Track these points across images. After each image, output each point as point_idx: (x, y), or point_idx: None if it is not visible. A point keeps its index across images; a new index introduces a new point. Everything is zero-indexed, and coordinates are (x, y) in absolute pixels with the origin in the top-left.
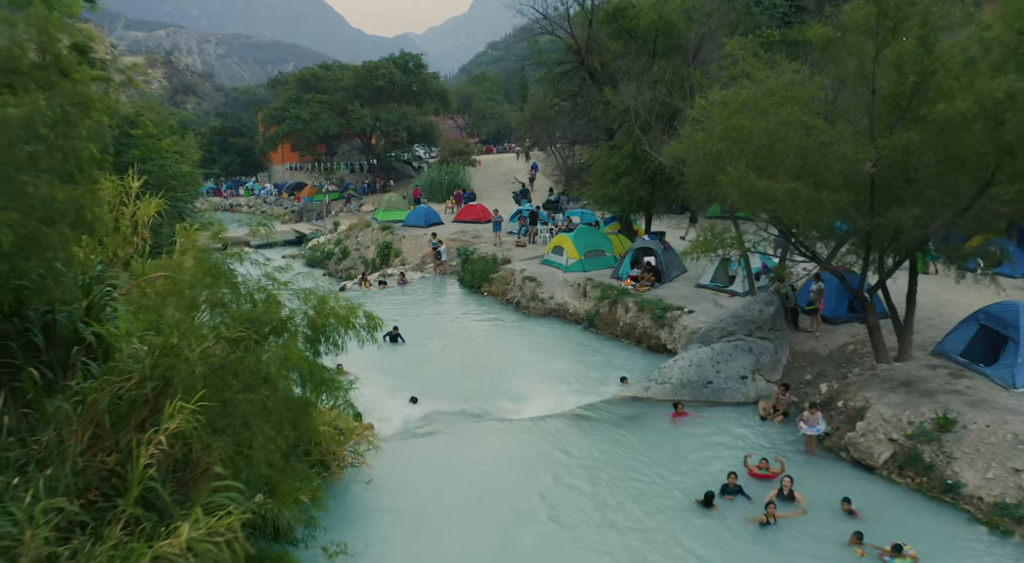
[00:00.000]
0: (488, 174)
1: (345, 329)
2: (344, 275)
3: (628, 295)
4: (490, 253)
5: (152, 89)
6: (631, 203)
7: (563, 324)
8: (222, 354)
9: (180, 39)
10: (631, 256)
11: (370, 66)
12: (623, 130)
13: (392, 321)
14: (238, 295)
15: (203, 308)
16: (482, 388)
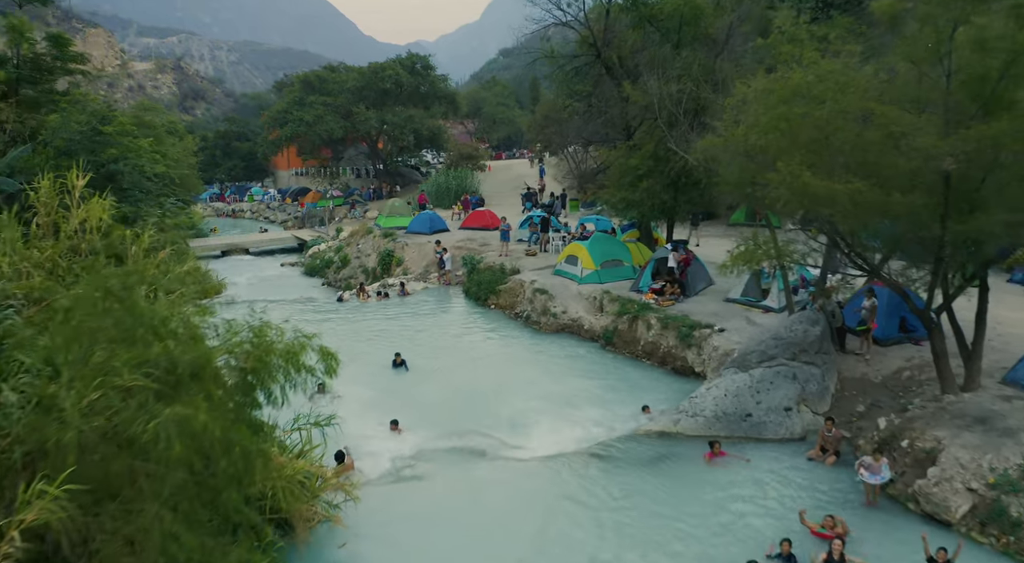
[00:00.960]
0: (498, 179)
1: (294, 371)
2: (343, 285)
3: (650, 310)
4: (498, 263)
5: (161, 94)
6: (652, 208)
7: (577, 341)
8: (113, 409)
9: (192, 46)
10: (652, 267)
11: (376, 67)
12: (643, 128)
13: (383, 335)
14: (140, 327)
15: (97, 344)
16: (485, 417)
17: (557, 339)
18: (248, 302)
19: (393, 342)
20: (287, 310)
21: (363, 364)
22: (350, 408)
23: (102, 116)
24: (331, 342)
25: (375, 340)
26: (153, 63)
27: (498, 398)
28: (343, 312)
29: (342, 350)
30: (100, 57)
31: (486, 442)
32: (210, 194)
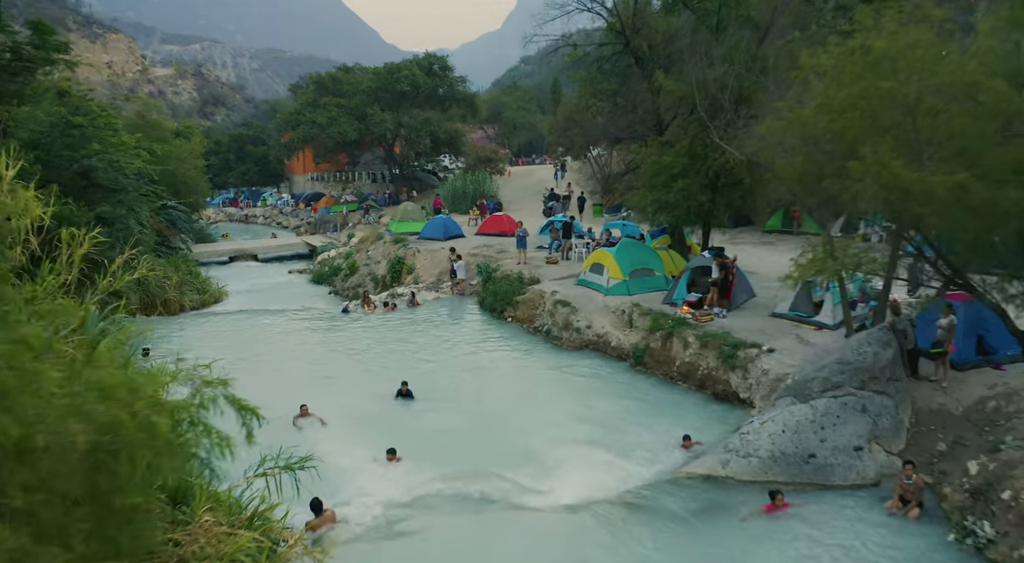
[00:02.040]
0: (518, 184)
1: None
2: (350, 293)
3: (686, 326)
4: (515, 271)
5: (182, 100)
6: (688, 211)
7: (603, 360)
8: None
9: (215, 53)
10: (688, 277)
11: (391, 68)
12: (677, 123)
13: (386, 351)
14: None
15: None
16: (498, 451)
17: (581, 357)
18: (245, 313)
19: (396, 360)
20: (284, 321)
21: (360, 385)
22: (340, 438)
23: (75, 106)
24: (326, 359)
25: (376, 357)
26: (173, 69)
27: (513, 427)
28: (345, 325)
29: (337, 369)
30: (121, 62)
31: (498, 485)
32: (223, 199)
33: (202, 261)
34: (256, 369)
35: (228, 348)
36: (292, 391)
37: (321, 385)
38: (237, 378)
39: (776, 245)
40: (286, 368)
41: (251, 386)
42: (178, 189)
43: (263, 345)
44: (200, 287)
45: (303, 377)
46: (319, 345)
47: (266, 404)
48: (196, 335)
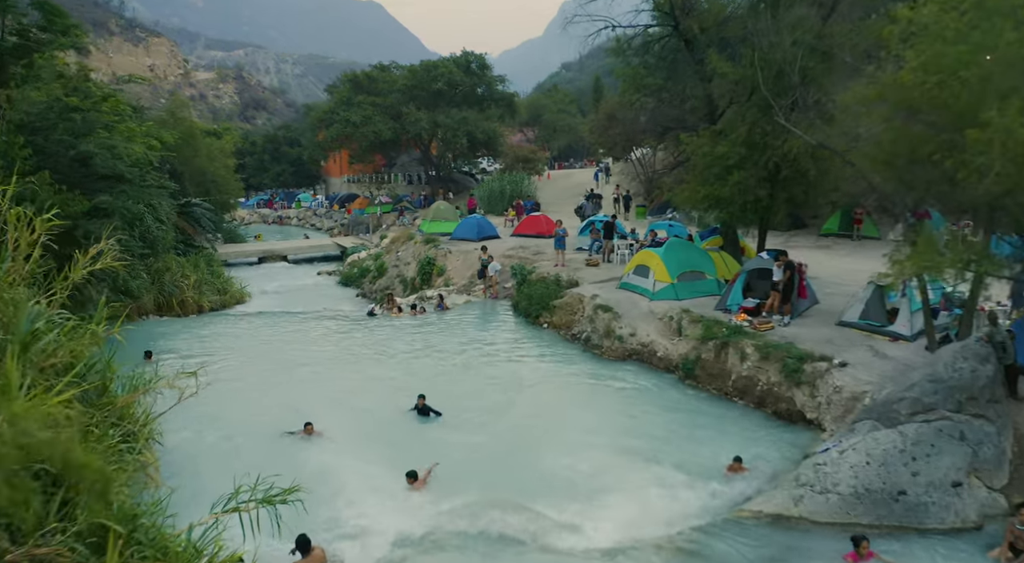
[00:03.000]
0: (557, 187)
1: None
2: (378, 296)
3: (743, 335)
4: (552, 273)
5: (223, 104)
6: (744, 207)
7: (648, 372)
8: None
9: (258, 58)
10: (744, 280)
11: (428, 66)
12: (732, 110)
13: (410, 360)
14: None
15: None
16: (529, 478)
17: (623, 368)
18: (265, 315)
19: (421, 368)
20: (304, 324)
21: (378, 395)
22: (349, 454)
23: (73, 87)
24: (343, 366)
25: (399, 365)
26: (215, 73)
27: (546, 448)
28: (368, 329)
29: (355, 377)
30: (163, 66)
31: (526, 520)
32: (258, 200)
33: (230, 262)
34: (264, 375)
35: (238, 352)
36: (301, 400)
37: (335, 394)
38: (240, 385)
39: (833, 249)
40: (298, 375)
41: (255, 394)
42: (207, 188)
43: (276, 349)
44: (221, 287)
45: (316, 385)
46: (338, 350)
47: (269, 415)
48: (207, 337)
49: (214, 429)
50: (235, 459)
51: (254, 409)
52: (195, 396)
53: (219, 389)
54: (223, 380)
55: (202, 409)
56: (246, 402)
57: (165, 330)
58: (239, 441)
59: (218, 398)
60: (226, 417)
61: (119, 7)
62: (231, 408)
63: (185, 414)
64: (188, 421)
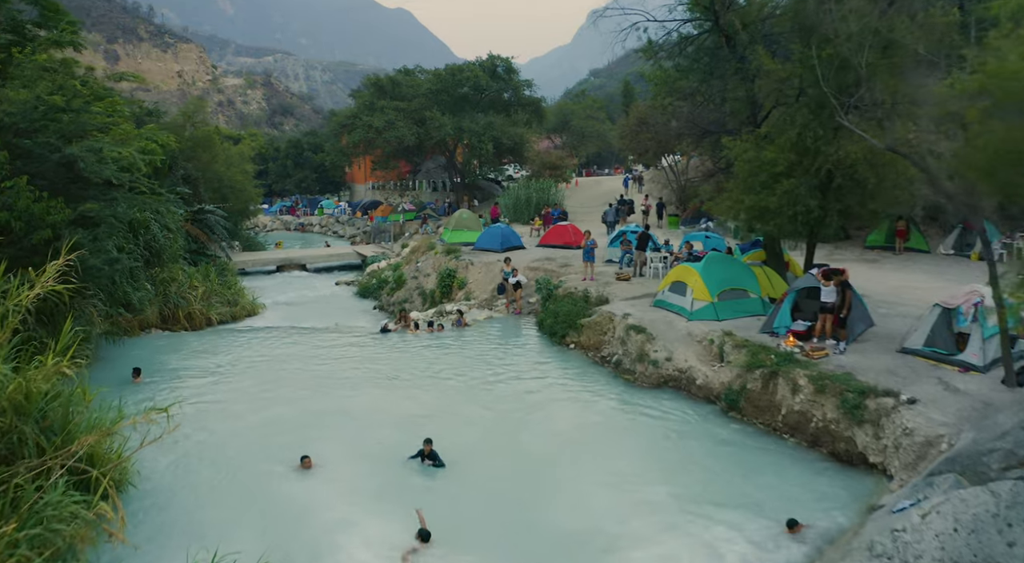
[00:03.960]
0: (585, 195)
1: None
2: (396, 308)
3: (795, 364)
4: (580, 288)
5: (251, 109)
6: (793, 219)
7: (686, 402)
8: None
9: (288, 65)
10: (792, 300)
11: (453, 69)
12: (778, 113)
13: (423, 385)
14: None
15: None
16: (545, 535)
17: (658, 397)
18: (273, 330)
19: (433, 396)
20: (312, 342)
21: (382, 428)
22: (346, 503)
23: (59, 85)
24: (346, 392)
25: (408, 391)
26: (243, 79)
27: (570, 499)
28: (380, 348)
29: (358, 405)
30: (191, 72)
31: None
32: (280, 206)
33: (247, 270)
34: (261, 399)
35: (236, 372)
36: (299, 429)
37: (336, 423)
38: (235, 408)
39: (880, 263)
40: (298, 399)
41: (250, 420)
42: (224, 194)
43: (278, 370)
44: (231, 299)
45: (317, 412)
46: (344, 371)
47: (264, 444)
48: (206, 354)
49: (200, 462)
50: (216, 504)
51: (248, 437)
52: (185, 421)
53: (211, 413)
54: (217, 403)
55: (190, 438)
56: (239, 429)
57: (164, 345)
58: (226, 477)
59: (209, 424)
60: (215, 447)
61: (148, 13)
62: (222, 436)
63: (170, 445)
64: (174, 452)
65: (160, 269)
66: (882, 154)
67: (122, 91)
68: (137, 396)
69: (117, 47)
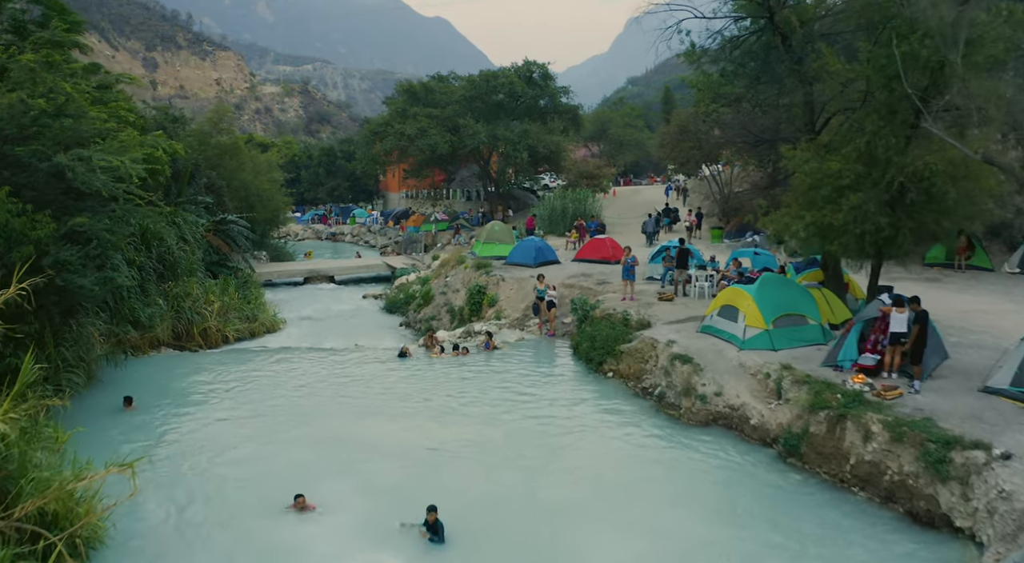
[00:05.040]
0: (623, 205)
1: None
2: (423, 326)
3: (865, 405)
4: (619, 310)
5: (288, 117)
6: (861, 238)
7: (738, 443)
8: None
9: (326, 73)
10: (859, 330)
11: (487, 76)
12: (839, 120)
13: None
14: None
15: None
16: None
17: (706, 436)
18: (288, 351)
19: (451, 436)
20: (326, 365)
21: (390, 476)
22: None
23: (49, 89)
24: (352, 429)
25: (424, 427)
26: (281, 87)
27: None
28: (399, 374)
29: (363, 447)
30: (229, 79)
31: None
32: (313, 215)
33: (274, 281)
34: (260, 431)
35: (240, 399)
36: (294, 467)
37: (337, 462)
38: (230, 438)
39: (942, 283)
40: (298, 432)
41: (245, 453)
42: (251, 202)
43: (285, 397)
44: (250, 314)
45: (319, 446)
46: (356, 400)
47: (256, 482)
48: (214, 378)
49: (186, 505)
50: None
51: (240, 472)
52: (177, 456)
53: (205, 446)
54: (213, 434)
55: (181, 478)
56: (232, 463)
57: (171, 366)
58: (211, 523)
59: (202, 459)
60: (207, 486)
61: (187, 22)
62: (215, 473)
63: (158, 485)
64: (159, 496)
65: (174, 283)
66: (964, 165)
67: (159, 97)
68: (125, 428)
69: (156, 55)
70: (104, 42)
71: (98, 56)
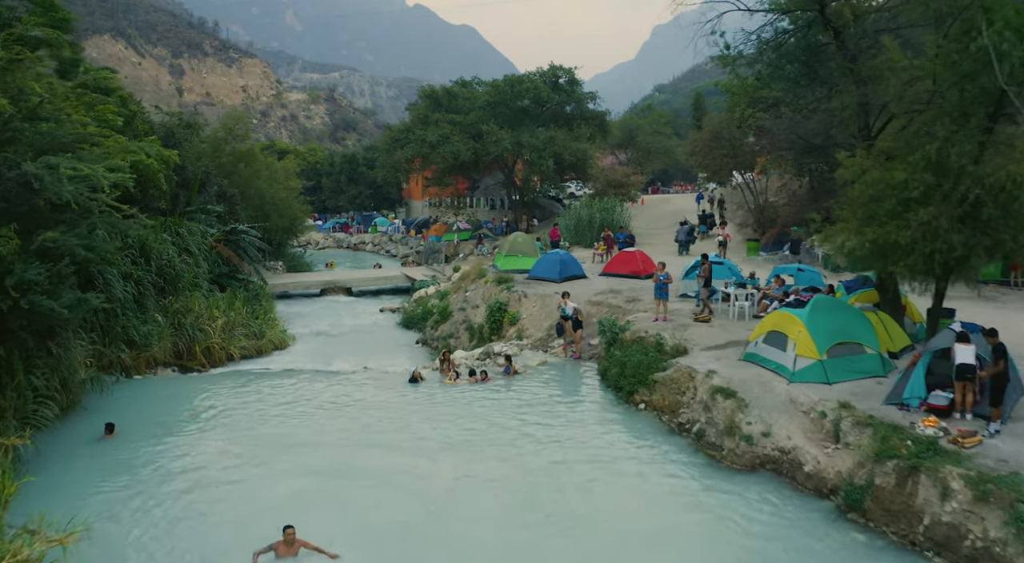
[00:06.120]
0: (652, 214)
1: None
2: (440, 344)
3: (941, 456)
4: (652, 332)
5: (314, 124)
6: (930, 258)
7: (790, 493)
8: None
9: (353, 81)
10: (927, 363)
11: (512, 80)
12: (898, 123)
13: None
14: None
15: None
16: None
17: (752, 483)
18: (290, 374)
19: (463, 484)
20: (329, 392)
21: (378, 517)
22: None
23: (18, 89)
24: (342, 471)
25: (429, 471)
26: (307, 94)
27: None
28: (407, 404)
29: (352, 498)
30: (255, 87)
31: None
32: (334, 223)
33: (290, 293)
34: (244, 465)
35: (232, 430)
36: (280, 508)
37: (330, 509)
38: (213, 474)
39: (1001, 302)
40: (289, 466)
41: (224, 494)
42: (267, 211)
43: (280, 425)
44: (257, 331)
45: (309, 493)
46: (357, 433)
47: (240, 525)
48: (205, 402)
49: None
50: None
51: (222, 511)
52: (158, 493)
53: (188, 481)
54: (197, 465)
55: (161, 519)
56: (214, 501)
57: (165, 388)
58: None
59: (183, 496)
60: (185, 527)
61: (213, 29)
62: (196, 512)
63: (134, 524)
64: (135, 542)
65: (174, 298)
66: None
67: (185, 104)
68: (103, 460)
69: (182, 62)
70: (131, 49)
71: (124, 63)
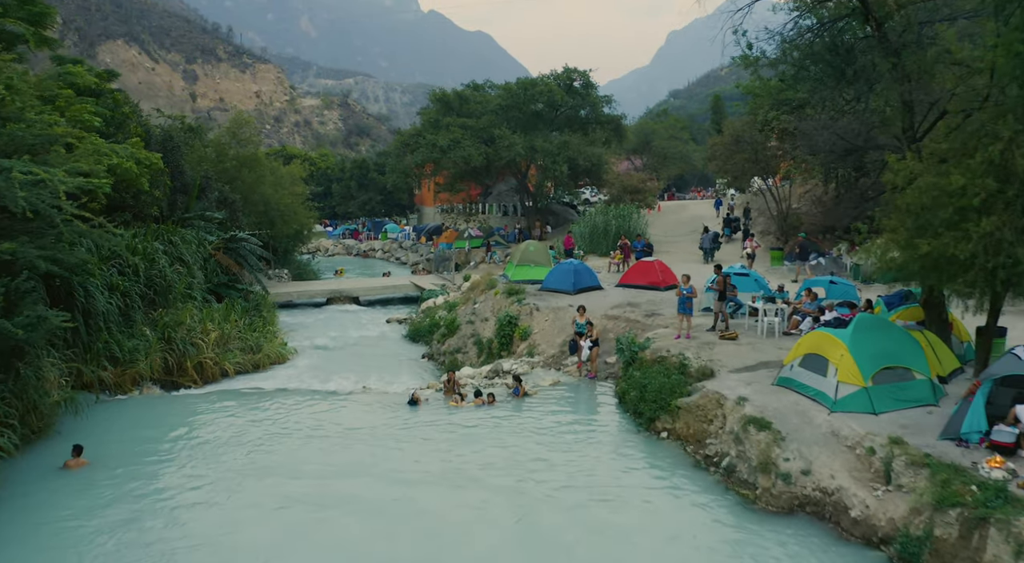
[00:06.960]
0: (669, 221)
1: None
2: (447, 361)
3: (1011, 505)
4: (674, 352)
5: (327, 130)
6: (992, 274)
7: (832, 540)
8: None
9: (367, 87)
10: (987, 392)
11: (525, 84)
12: (946, 122)
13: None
14: None
15: None
16: None
17: (791, 528)
18: (282, 393)
19: (460, 532)
20: (318, 416)
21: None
22: None
23: None
24: (329, 500)
25: (428, 502)
26: (320, 100)
27: None
28: (405, 431)
29: (346, 531)
30: (269, 92)
31: None
32: (344, 229)
33: (295, 302)
34: (219, 502)
35: (209, 456)
36: (250, 551)
37: (313, 549)
38: (179, 518)
39: None
40: (269, 500)
41: (195, 531)
42: (271, 217)
43: (266, 453)
44: (254, 344)
45: (286, 526)
46: (344, 468)
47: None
48: (186, 425)
49: None
50: None
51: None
52: (124, 528)
53: (157, 515)
54: (168, 499)
55: None
56: (183, 538)
57: (148, 410)
58: None
59: (151, 532)
60: None
61: (227, 34)
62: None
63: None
64: None
65: (164, 311)
66: None
67: (198, 109)
68: (63, 492)
69: (196, 67)
70: (144, 54)
71: (138, 68)
